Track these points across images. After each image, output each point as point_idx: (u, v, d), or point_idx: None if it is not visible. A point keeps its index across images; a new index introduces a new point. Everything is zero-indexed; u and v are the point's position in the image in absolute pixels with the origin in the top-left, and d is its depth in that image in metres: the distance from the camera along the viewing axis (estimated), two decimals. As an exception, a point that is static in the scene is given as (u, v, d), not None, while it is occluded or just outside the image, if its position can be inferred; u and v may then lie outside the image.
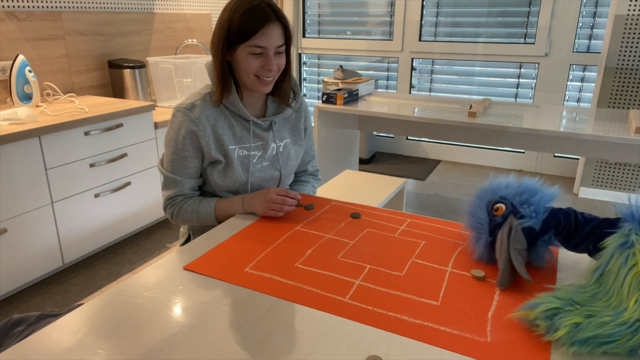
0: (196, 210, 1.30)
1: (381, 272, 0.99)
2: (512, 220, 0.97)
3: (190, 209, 1.30)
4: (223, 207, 1.29)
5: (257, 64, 1.20)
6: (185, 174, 1.30)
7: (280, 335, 0.80)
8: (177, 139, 1.27)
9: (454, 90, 4.04)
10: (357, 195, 2.26)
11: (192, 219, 1.31)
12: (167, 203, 1.33)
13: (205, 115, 1.26)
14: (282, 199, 1.22)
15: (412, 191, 3.51)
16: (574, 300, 0.79)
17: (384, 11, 4.09)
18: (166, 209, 1.34)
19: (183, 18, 3.45)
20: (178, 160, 1.29)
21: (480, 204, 1.05)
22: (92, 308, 0.88)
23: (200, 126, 1.25)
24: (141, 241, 2.67)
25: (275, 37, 1.19)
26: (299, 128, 1.43)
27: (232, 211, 1.28)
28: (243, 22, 1.16)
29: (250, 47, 1.18)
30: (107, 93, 2.97)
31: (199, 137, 1.25)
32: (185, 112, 1.25)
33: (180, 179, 1.30)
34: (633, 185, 3.22)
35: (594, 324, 0.74)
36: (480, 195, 1.07)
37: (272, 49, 1.20)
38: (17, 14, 2.42)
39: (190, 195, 1.34)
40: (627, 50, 2.99)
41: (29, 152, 1.99)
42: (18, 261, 2.03)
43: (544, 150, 2.71)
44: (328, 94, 2.79)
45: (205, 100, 1.27)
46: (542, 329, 0.77)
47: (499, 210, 1.01)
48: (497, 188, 1.05)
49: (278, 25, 1.19)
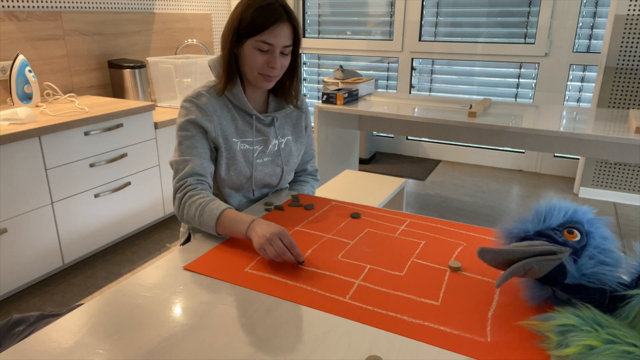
0: (203, 205, 1.15)
1: (381, 272, 0.99)
2: (565, 251, 0.81)
3: (198, 202, 1.16)
4: (230, 217, 1.11)
5: (262, 60, 1.22)
6: (195, 153, 1.24)
7: (280, 335, 0.80)
8: (184, 124, 1.26)
9: (454, 90, 4.04)
10: (357, 195, 2.26)
11: (195, 215, 1.15)
12: (177, 187, 1.21)
13: (212, 104, 1.28)
14: (280, 247, 1.00)
15: (412, 191, 3.50)
16: (596, 320, 0.72)
17: (384, 11, 4.09)
18: (175, 194, 1.22)
19: (183, 18, 3.45)
20: (186, 141, 1.25)
21: (554, 214, 0.87)
22: (92, 308, 0.87)
23: (208, 112, 1.26)
24: (141, 241, 2.67)
25: (284, 37, 1.21)
26: (300, 126, 1.45)
27: (236, 227, 1.09)
28: (254, 18, 1.19)
29: (257, 42, 1.20)
30: (107, 93, 2.97)
31: (206, 121, 1.26)
32: (192, 100, 1.27)
33: (189, 157, 1.24)
34: (633, 185, 3.22)
35: (613, 351, 0.66)
36: (558, 206, 0.88)
37: (279, 48, 1.21)
38: (17, 14, 2.42)
39: (202, 181, 1.23)
40: (627, 50, 2.99)
41: (29, 152, 1.99)
42: (18, 261, 2.03)
43: (544, 150, 2.71)
44: (328, 94, 2.79)
45: (210, 92, 1.30)
46: (552, 342, 0.74)
47: (573, 234, 0.84)
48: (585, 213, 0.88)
49: (288, 25, 1.21)
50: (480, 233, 1.18)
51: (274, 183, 1.41)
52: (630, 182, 3.23)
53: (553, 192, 3.45)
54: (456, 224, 1.23)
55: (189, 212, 1.17)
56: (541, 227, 0.86)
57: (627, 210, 3.15)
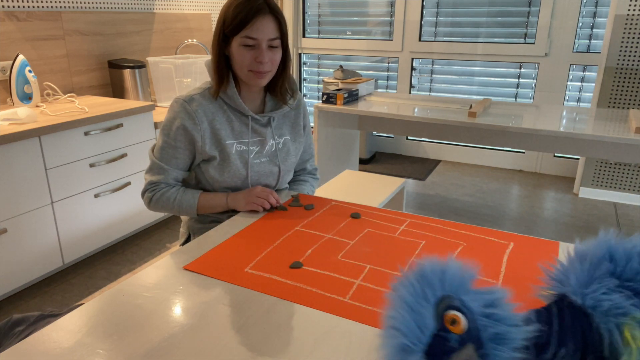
0: (179, 199, 1.30)
1: (381, 272, 0.99)
2: (471, 353, 0.56)
3: (173, 197, 1.30)
4: (206, 200, 1.31)
5: (250, 56, 1.21)
6: (173, 164, 1.31)
7: (280, 335, 0.80)
8: (170, 128, 1.28)
9: (454, 90, 4.04)
10: (357, 195, 2.26)
11: (172, 207, 1.31)
12: (148, 187, 1.34)
13: (203, 109, 1.27)
14: (266, 194, 1.28)
15: (412, 191, 3.51)
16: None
17: (384, 11, 4.09)
18: (145, 192, 1.34)
19: (183, 18, 3.45)
20: (168, 149, 1.30)
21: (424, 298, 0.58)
22: (92, 308, 0.87)
23: (197, 120, 1.26)
24: (141, 241, 2.67)
25: (268, 30, 1.20)
26: (298, 125, 1.44)
27: (215, 204, 1.31)
28: (236, 14, 1.18)
29: (242, 39, 1.20)
30: (107, 93, 2.97)
31: (193, 131, 1.26)
32: (183, 104, 1.27)
33: (167, 167, 1.31)
34: (633, 185, 3.22)
35: None
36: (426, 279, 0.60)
37: (265, 42, 1.20)
38: (17, 14, 2.42)
39: (173, 185, 1.34)
40: (627, 50, 2.99)
41: (29, 152, 1.99)
42: (18, 261, 2.03)
43: (544, 150, 2.71)
44: (328, 94, 2.79)
45: (204, 95, 1.29)
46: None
47: (456, 324, 0.56)
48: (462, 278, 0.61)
49: (270, 17, 1.20)
50: (480, 233, 1.18)
51: (272, 183, 1.40)
52: (630, 182, 3.23)
53: (553, 192, 3.46)
54: (456, 224, 1.23)
55: (163, 206, 1.32)
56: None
57: (627, 210, 3.15)
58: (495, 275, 0.98)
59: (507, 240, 1.14)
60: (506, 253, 1.08)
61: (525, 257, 1.06)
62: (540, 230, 2.86)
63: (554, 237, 2.76)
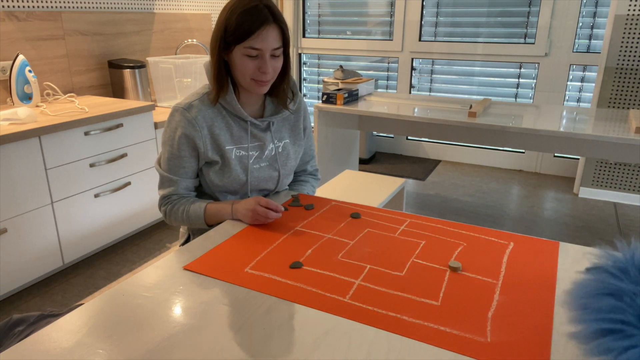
0: (187, 210, 1.29)
1: (381, 272, 0.99)
2: None
3: (182, 209, 1.30)
4: (213, 211, 1.28)
5: (253, 65, 1.19)
6: (181, 174, 1.31)
7: (280, 335, 0.80)
8: (173, 138, 1.27)
9: (454, 90, 4.04)
10: (357, 195, 2.26)
11: (183, 219, 1.30)
12: (162, 202, 1.34)
13: (203, 115, 1.26)
14: (265, 211, 1.19)
15: (412, 191, 3.50)
16: None
17: (384, 11, 4.09)
18: (160, 207, 1.35)
19: (183, 18, 3.45)
20: (174, 160, 1.29)
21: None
22: (92, 308, 0.88)
23: (197, 127, 1.25)
24: (141, 241, 2.67)
25: (272, 40, 1.18)
26: (298, 128, 1.43)
27: (221, 216, 1.28)
28: (240, 23, 1.15)
29: (246, 49, 1.17)
30: (107, 93, 2.97)
31: (195, 138, 1.26)
32: (183, 113, 1.26)
33: (176, 178, 1.30)
34: (633, 185, 3.22)
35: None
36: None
37: (268, 52, 1.18)
38: (17, 14, 2.42)
39: (185, 195, 1.34)
40: (627, 50, 2.99)
41: (29, 152, 1.99)
42: (18, 261, 2.03)
43: (544, 150, 2.71)
44: (328, 94, 2.79)
45: (202, 101, 1.28)
46: None
47: None
48: None
49: (275, 27, 1.17)
50: (480, 233, 1.18)
51: (271, 188, 1.40)
52: (630, 182, 3.23)
53: (553, 192, 3.45)
54: (456, 224, 1.23)
55: (176, 218, 1.33)
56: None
57: (627, 210, 3.15)
58: (495, 276, 0.98)
59: (507, 240, 1.14)
60: (506, 253, 1.08)
61: (525, 257, 1.06)
62: (540, 230, 2.86)
63: (554, 237, 2.76)
